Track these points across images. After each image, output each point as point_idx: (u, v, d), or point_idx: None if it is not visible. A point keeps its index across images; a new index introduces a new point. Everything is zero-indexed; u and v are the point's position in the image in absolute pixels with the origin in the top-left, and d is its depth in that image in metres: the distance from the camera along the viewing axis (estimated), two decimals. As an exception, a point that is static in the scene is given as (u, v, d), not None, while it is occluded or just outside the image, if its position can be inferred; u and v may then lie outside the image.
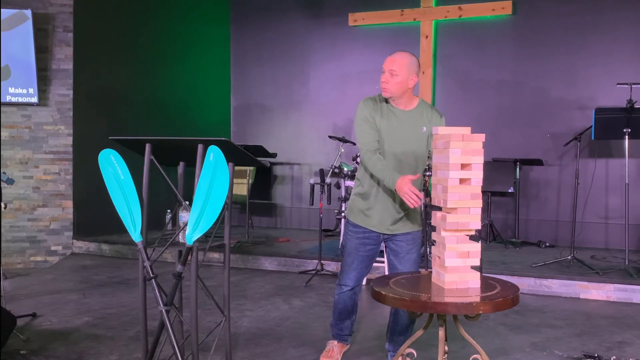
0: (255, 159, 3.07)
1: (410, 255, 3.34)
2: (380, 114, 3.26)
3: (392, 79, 3.18)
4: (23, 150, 6.87)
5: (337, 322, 3.60)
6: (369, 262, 3.44)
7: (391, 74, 3.18)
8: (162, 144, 2.96)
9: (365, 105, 3.29)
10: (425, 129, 3.24)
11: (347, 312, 3.55)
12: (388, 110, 3.27)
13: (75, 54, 6.97)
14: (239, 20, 8.92)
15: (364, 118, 3.27)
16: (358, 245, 3.38)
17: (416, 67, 3.23)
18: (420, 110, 3.28)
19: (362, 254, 3.39)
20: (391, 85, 3.19)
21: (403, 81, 3.18)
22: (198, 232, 2.64)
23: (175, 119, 8.06)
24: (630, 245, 5.95)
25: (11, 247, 6.79)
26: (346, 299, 3.49)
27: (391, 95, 3.22)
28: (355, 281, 3.45)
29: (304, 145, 8.50)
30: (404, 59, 3.20)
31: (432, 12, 7.70)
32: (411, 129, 3.24)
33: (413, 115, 3.27)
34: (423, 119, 3.26)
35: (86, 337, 4.07)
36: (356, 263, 3.41)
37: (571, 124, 7.00)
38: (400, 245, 3.34)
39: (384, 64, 3.24)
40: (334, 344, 3.63)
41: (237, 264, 6.37)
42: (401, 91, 3.21)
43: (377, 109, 3.27)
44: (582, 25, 7.12)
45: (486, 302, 2.38)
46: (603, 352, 3.75)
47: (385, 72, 3.21)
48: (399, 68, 3.17)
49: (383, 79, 3.22)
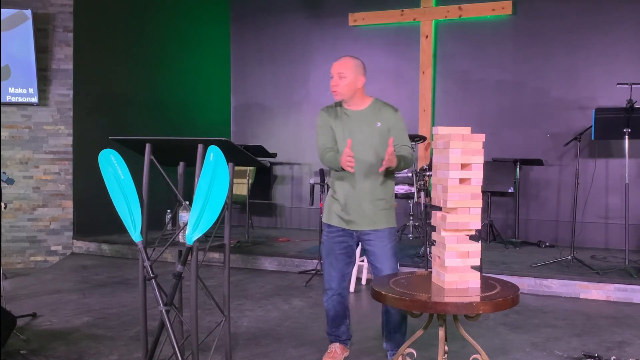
0: (255, 159, 3.07)
1: (385, 251, 3.40)
2: (334, 117, 3.45)
3: (341, 82, 3.36)
4: (23, 150, 6.87)
5: (332, 328, 3.64)
6: (347, 260, 3.51)
7: (339, 76, 3.36)
8: (162, 144, 2.96)
9: (320, 114, 3.52)
10: (380, 124, 3.39)
11: (339, 317, 3.58)
12: (342, 112, 3.45)
13: (75, 54, 6.97)
14: (239, 20, 8.92)
15: (319, 125, 3.50)
16: (333, 245, 3.49)
17: (362, 68, 3.41)
18: (373, 108, 3.44)
19: (338, 252, 3.48)
20: (341, 88, 3.36)
21: (351, 82, 3.36)
22: (198, 232, 2.65)
23: (175, 119, 8.06)
24: (630, 245, 5.95)
25: (11, 247, 6.79)
26: (335, 304, 3.54)
27: (342, 97, 3.40)
28: (338, 283, 3.50)
29: (304, 145, 8.49)
30: (349, 62, 3.39)
31: (432, 12, 7.70)
32: (365, 126, 3.39)
33: (365, 113, 3.42)
34: (376, 115, 3.41)
35: (86, 337, 4.07)
36: (335, 263, 3.49)
37: (571, 124, 7.00)
38: (374, 244, 3.42)
39: (331, 69, 3.41)
40: (335, 346, 3.65)
41: (237, 264, 6.37)
42: (351, 92, 3.38)
43: (331, 114, 3.47)
44: (582, 25, 7.12)
45: (486, 302, 2.38)
46: (603, 352, 3.75)
47: (334, 76, 3.38)
48: (346, 70, 3.35)
49: (332, 82, 3.39)
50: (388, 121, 3.39)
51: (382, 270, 3.37)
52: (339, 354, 3.61)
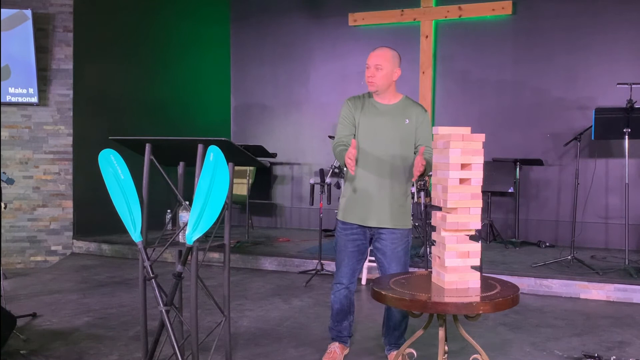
0: (255, 159, 3.07)
1: (395, 253, 3.40)
2: (360, 109, 3.41)
3: (378, 73, 3.32)
4: (23, 150, 6.87)
5: (335, 323, 3.63)
6: (359, 257, 3.51)
7: (376, 68, 3.32)
8: (162, 144, 2.96)
9: (346, 104, 3.47)
10: (408, 121, 3.36)
11: (343, 312, 3.58)
12: (370, 104, 3.42)
13: (75, 54, 6.97)
14: (239, 20, 8.92)
15: (342, 115, 3.47)
16: (346, 242, 3.48)
17: (398, 60, 3.38)
18: (403, 104, 3.42)
19: (350, 249, 3.48)
20: (377, 79, 3.32)
21: (388, 74, 3.33)
22: (198, 232, 2.64)
23: (175, 119, 8.06)
24: (630, 245, 5.95)
25: (11, 247, 6.79)
26: (342, 298, 3.54)
27: (377, 89, 3.36)
28: (349, 278, 3.50)
29: (304, 145, 8.49)
30: (387, 53, 3.35)
31: (432, 12, 7.70)
32: (393, 121, 3.36)
33: (395, 109, 3.39)
34: (405, 112, 3.38)
35: (86, 337, 4.07)
36: (346, 260, 3.49)
37: (571, 124, 7.00)
38: (385, 244, 3.41)
39: (368, 59, 3.36)
40: (335, 346, 3.65)
41: (237, 264, 6.37)
42: (387, 84, 3.35)
43: (358, 106, 3.43)
44: (582, 25, 7.12)
45: (486, 302, 2.38)
46: (603, 352, 3.75)
47: (371, 67, 3.34)
48: (384, 62, 3.31)
49: (369, 73, 3.35)
50: (416, 120, 3.36)
51: (388, 270, 3.37)
52: (338, 354, 3.61)
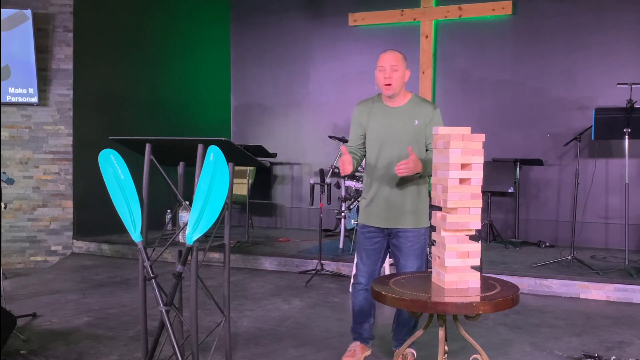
0: (255, 159, 3.07)
1: (413, 251, 3.39)
2: (368, 114, 3.39)
3: (394, 75, 3.27)
4: (23, 150, 6.87)
5: (356, 325, 3.62)
6: (377, 257, 3.50)
7: (392, 69, 3.27)
8: (162, 144, 2.96)
9: (356, 108, 3.48)
10: (417, 122, 3.32)
11: (363, 314, 3.56)
12: (378, 108, 3.39)
13: (75, 54, 6.97)
14: (239, 20, 8.92)
15: (353, 121, 3.50)
16: (364, 240, 3.50)
17: (406, 62, 3.40)
18: (412, 104, 3.38)
19: (368, 247, 3.48)
20: (394, 81, 3.28)
21: (402, 76, 3.31)
22: (198, 232, 2.65)
23: (175, 119, 8.06)
24: (630, 245, 5.95)
25: (11, 247, 6.79)
26: (361, 299, 3.53)
27: (394, 92, 3.31)
28: (367, 278, 3.48)
29: (304, 145, 8.49)
30: (399, 55, 3.35)
31: (432, 12, 7.69)
32: (403, 123, 3.33)
33: (405, 110, 3.36)
34: (414, 112, 3.34)
35: (86, 337, 4.07)
36: (364, 257, 3.50)
37: (571, 124, 7.00)
38: (401, 241, 3.40)
39: (381, 61, 3.30)
40: (356, 345, 3.61)
41: (237, 264, 6.36)
42: (402, 86, 3.33)
43: (366, 110, 3.42)
44: (582, 25, 7.12)
45: (486, 302, 2.38)
46: (603, 352, 3.75)
47: (386, 68, 3.27)
48: (398, 63, 3.29)
49: (386, 75, 3.27)
50: (425, 118, 3.32)
51: (404, 267, 3.38)
52: (358, 354, 3.57)
